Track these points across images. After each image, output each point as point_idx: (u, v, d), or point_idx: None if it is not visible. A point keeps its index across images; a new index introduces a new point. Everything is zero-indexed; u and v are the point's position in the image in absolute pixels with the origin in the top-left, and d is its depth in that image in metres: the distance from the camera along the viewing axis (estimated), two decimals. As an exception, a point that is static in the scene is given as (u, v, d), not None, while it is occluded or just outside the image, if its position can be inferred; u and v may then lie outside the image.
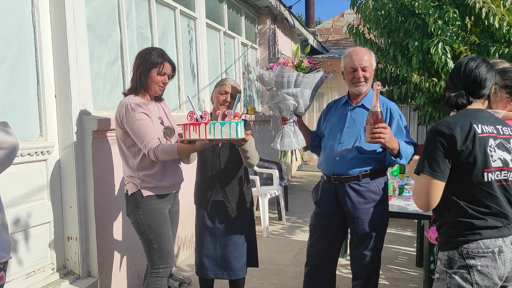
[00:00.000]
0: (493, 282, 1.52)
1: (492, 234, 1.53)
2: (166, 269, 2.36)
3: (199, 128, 2.05)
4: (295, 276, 3.54)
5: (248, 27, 6.58)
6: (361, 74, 2.30)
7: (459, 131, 1.52)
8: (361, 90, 2.35)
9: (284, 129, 2.35)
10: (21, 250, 2.48)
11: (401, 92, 5.25)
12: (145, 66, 2.29)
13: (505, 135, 1.59)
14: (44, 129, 2.63)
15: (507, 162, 1.56)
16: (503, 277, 1.54)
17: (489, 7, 4.11)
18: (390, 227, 2.52)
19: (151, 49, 2.39)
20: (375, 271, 2.41)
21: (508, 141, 1.58)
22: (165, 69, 2.31)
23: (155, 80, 2.30)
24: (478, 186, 1.54)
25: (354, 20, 7.79)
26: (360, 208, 2.33)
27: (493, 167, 1.53)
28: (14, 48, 2.47)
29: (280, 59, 2.33)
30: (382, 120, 2.08)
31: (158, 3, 3.94)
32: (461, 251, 1.55)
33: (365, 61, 2.29)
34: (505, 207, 1.56)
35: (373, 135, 2.07)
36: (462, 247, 1.55)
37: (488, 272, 1.51)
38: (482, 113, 1.62)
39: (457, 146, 1.51)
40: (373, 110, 2.06)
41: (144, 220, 2.31)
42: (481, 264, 1.51)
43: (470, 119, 1.55)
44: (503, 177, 1.55)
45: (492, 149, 1.53)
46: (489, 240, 1.52)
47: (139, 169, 2.29)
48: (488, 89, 1.64)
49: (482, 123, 1.55)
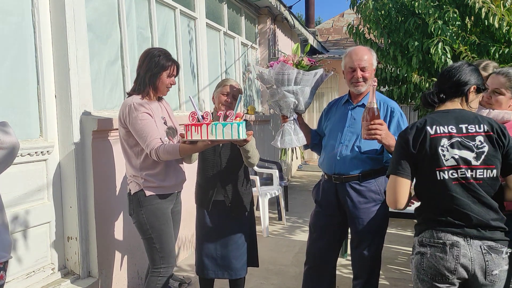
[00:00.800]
0: (440, 272, 1.61)
1: (447, 229, 1.62)
2: (167, 269, 2.37)
3: (201, 128, 2.05)
4: (295, 276, 3.54)
5: (248, 27, 6.58)
6: (359, 74, 2.30)
7: (413, 133, 1.67)
8: (360, 90, 2.34)
9: (284, 127, 2.36)
10: (21, 250, 2.48)
11: (401, 92, 5.25)
12: (155, 69, 2.31)
13: (469, 133, 1.62)
14: (44, 129, 2.63)
15: (465, 160, 1.60)
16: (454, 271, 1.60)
17: (489, 7, 4.11)
18: (390, 227, 2.52)
19: (156, 50, 2.38)
20: (375, 271, 2.41)
21: (472, 139, 1.61)
22: (174, 71, 2.37)
23: (165, 82, 2.35)
24: (433, 184, 1.64)
25: (354, 20, 7.78)
26: (360, 207, 2.33)
27: (446, 166, 1.61)
28: (14, 48, 2.47)
29: (280, 57, 2.34)
30: (379, 116, 2.07)
31: (158, 3, 3.94)
32: (420, 239, 1.70)
33: (364, 61, 2.28)
34: (465, 206, 1.61)
35: (369, 131, 2.06)
36: (420, 235, 1.70)
37: (436, 261, 1.62)
38: (449, 113, 1.68)
39: (410, 147, 1.66)
40: (369, 106, 2.05)
41: (146, 220, 2.31)
42: (430, 252, 1.64)
43: (429, 120, 1.67)
44: (461, 176, 1.61)
45: (444, 148, 1.62)
46: (443, 233, 1.63)
47: (142, 169, 2.30)
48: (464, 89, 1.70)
49: (439, 124, 1.64)
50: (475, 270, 1.59)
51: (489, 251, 1.59)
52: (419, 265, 1.68)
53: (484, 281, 1.60)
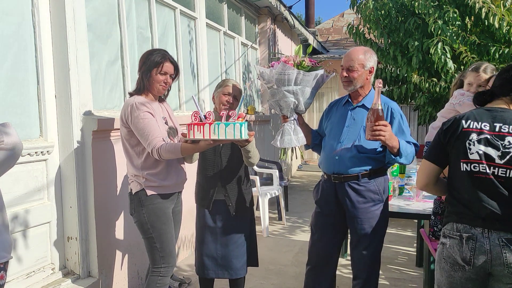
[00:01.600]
0: (457, 262, 1.70)
1: (465, 221, 1.70)
2: (167, 269, 2.37)
3: (203, 128, 2.06)
4: (295, 276, 3.54)
5: (248, 27, 6.58)
6: (344, 74, 2.33)
7: (448, 124, 1.76)
8: (347, 89, 2.37)
9: (284, 126, 2.37)
10: (21, 250, 2.48)
11: (401, 92, 5.26)
12: (146, 66, 2.33)
13: (501, 132, 1.66)
14: (44, 129, 2.63)
15: (488, 157, 1.65)
16: (469, 262, 1.66)
17: (489, 7, 4.11)
18: (390, 227, 2.52)
19: (154, 50, 2.41)
20: (375, 270, 2.41)
21: (501, 138, 1.65)
22: (165, 68, 2.33)
23: (157, 79, 2.33)
24: (457, 174, 1.74)
25: (354, 20, 7.78)
26: (359, 207, 2.33)
27: (470, 159, 1.68)
28: (14, 48, 2.47)
29: (281, 57, 2.34)
30: (383, 117, 2.08)
31: (158, 3, 3.95)
32: (443, 230, 1.80)
33: (352, 61, 2.29)
34: (484, 199, 1.65)
35: (374, 132, 2.07)
36: (444, 227, 1.81)
37: (453, 252, 1.71)
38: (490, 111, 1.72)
39: (444, 137, 1.77)
40: (374, 108, 2.07)
41: (147, 219, 2.32)
42: (449, 243, 1.74)
43: (468, 115, 1.74)
44: (481, 170, 1.66)
45: (471, 142, 1.68)
46: (462, 225, 1.71)
47: (143, 168, 2.31)
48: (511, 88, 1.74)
49: (475, 120, 1.71)
50: (493, 262, 1.63)
51: (507, 243, 1.61)
52: (440, 254, 1.79)
53: (504, 273, 1.62)
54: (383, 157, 2.32)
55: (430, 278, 2.90)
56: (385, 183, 2.41)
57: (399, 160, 2.24)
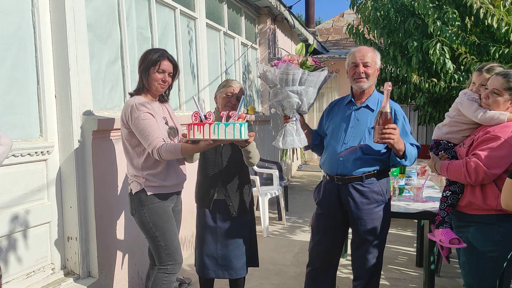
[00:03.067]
0: None
1: None
2: (174, 266, 2.38)
3: (203, 128, 2.06)
4: (295, 276, 3.54)
5: (248, 27, 6.58)
6: (361, 69, 2.27)
7: None
8: (362, 86, 2.31)
9: (286, 127, 2.34)
10: (21, 250, 2.48)
11: (401, 92, 5.26)
12: (144, 65, 2.33)
13: None
14: (44, 129, 2.63)
15: None
16: None
17: (487, 8, 4.11)
18: (390, 227, 2.51)
19: (152, 49, 2.42)
20: (376, 272, 2.41)
21: None
22: (163, 66, 2.33)
23: (155, 77, 2.33)
24: None
25: (354, 20, 7.79)
26: (363, 208, 2.32)
27: None
28: (14, 48, 2.46)
29: (284, 56, 2.31)
30: (391, 120, 2.08)
31: (158, 3, 3.94)
32: None
33: (367, 57, 2.27)
34: None
35: (383, 135, 2.06)
36: None
37: None
38: None
39: None
40: (383, 111, 2.06)
41: (149, 218, 2.32)
42: None
43: None
44: None
45: None
46: None
47: (143, 169, 2.31)
48: None
49: None
50: None
51: None
52: None
53: None
54: (387, 158, 2.31)
55: (430, 278, 2.90)
56: (387, 183, 2.41)
57: (404, 163, 2.24)
